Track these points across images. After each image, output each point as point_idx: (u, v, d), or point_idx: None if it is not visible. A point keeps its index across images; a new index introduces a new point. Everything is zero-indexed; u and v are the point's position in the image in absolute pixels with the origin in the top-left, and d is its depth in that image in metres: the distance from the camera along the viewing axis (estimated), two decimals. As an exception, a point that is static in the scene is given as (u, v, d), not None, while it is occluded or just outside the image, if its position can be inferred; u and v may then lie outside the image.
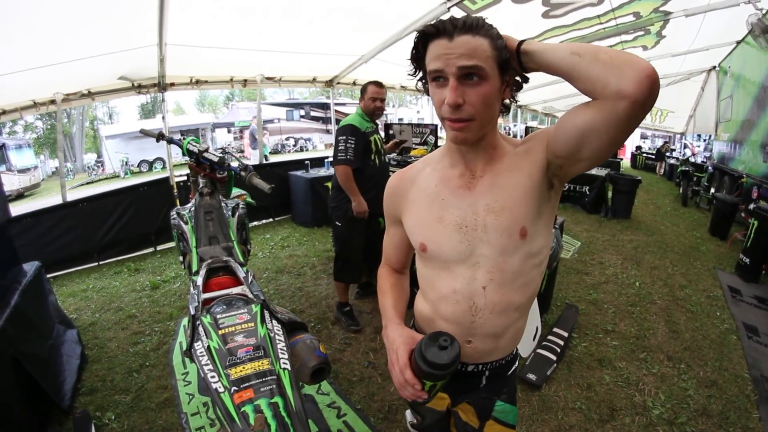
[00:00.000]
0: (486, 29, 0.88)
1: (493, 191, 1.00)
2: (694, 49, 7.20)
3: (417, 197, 1.11)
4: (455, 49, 0.86)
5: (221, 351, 1.16)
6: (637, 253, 5.43)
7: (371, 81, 3.26)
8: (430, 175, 1.11)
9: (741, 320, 3.66)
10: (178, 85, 5.53)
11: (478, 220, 1.01)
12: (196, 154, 2.33)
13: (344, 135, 3.13)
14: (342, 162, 3.11)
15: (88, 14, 3.37)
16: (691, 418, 2.47)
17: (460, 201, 1.03)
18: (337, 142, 3.16)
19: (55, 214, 4.94)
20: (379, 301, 1.26)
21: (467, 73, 0.87)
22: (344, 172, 3.12)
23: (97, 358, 3.12)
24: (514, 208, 0.98)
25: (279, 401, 1.04)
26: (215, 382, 1.08)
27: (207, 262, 1.86)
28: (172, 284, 4.53)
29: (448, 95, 0.87)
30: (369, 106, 3.25)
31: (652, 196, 9.84)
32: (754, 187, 6.36)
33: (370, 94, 3.23)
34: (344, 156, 3.10)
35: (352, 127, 3.15)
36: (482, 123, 0.92)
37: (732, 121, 8.07)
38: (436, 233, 1.05)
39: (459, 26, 0.86)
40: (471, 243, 1.02)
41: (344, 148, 3.10)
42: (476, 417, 1.23)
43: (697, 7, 5.01)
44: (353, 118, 3.23)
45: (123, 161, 19.43)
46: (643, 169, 15.79)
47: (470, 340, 1.10)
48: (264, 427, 0.98)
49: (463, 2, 4.22)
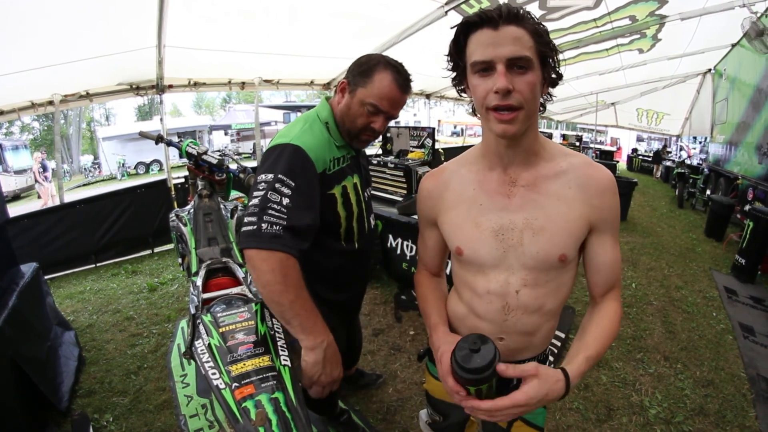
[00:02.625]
0: (530, 20, 0.88)
1: (534, 209, 1.00)
2: (690, 52, 7.26)
3: (454, 201, 1.10)
4: (503, 39, 0.85)
5: (222, 348, 1.17)
6: (634, 255, 5.45)
7: (379, 60, 1.42)
8: (467, 177, 1.09)
9: (737, 320, 3.68)
10: (176, 87, 5.54)
11: (515, 231, 1.00)
12: (195, 157, 2.34)
13: (275, 172, 1.27)
14: (251, 241, 1.20)
15: (87, 16, 3.38)
16: (688, 417, 2.48)
17: (497, 207, 1.02)
18: (255, 186, 1.28)
19: (53, 215, 4.94)
20: (420, 308, 1.24)
21: (515, 63, 0.86)
22: (267, 266, 1.19)
23: (94, 360, 3.12)
24: (555, 235, 0.99)
25: (280, 396, 1.05)
26: (216, 379, 1.09)
27: (206, 263, 1.87)
28: (170, 286, 4.52)
29: (499, 81, 0.85)
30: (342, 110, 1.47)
31: (648, 199, 9.89)
32: (749, 188, 6.40)
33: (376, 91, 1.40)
34: (256, 224, 1.20)
35: (298, 154, 1.32)
36: (528, 114, 0.90)
37: (727, 123, 8.14)
38: (472, 238, 1.05)
39: (505, 15, 0.85)
40: (506, 251, 1.02)
41: (261, 203, 1.23)
42: None
43: (693, 10, 5.06)
44: (301, 134, 1.37)
45: (120, 163, 19.43)
46: (640, 172, 15.87)
47: (502, 337, 1.10)
48: (265, 422, 0.99)
49: (460, 6, 4.24)
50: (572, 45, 6.22)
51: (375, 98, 1.39)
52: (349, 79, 1.44)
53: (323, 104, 1.52)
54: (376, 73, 1.39)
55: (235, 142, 23.97)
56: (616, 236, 1.02)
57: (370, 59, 1.42)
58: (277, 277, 1.18)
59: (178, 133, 16.72)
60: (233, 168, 2.40)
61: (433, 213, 1.16)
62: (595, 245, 1.01)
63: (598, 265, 1.01)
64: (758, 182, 6.08)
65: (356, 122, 1.45)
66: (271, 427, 0.99)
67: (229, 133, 25.33)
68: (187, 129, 22.13)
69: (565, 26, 5.37)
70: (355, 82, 1.42)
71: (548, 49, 0.90)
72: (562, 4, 4.63)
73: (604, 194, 0.98)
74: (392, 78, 1.39)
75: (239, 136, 23.84)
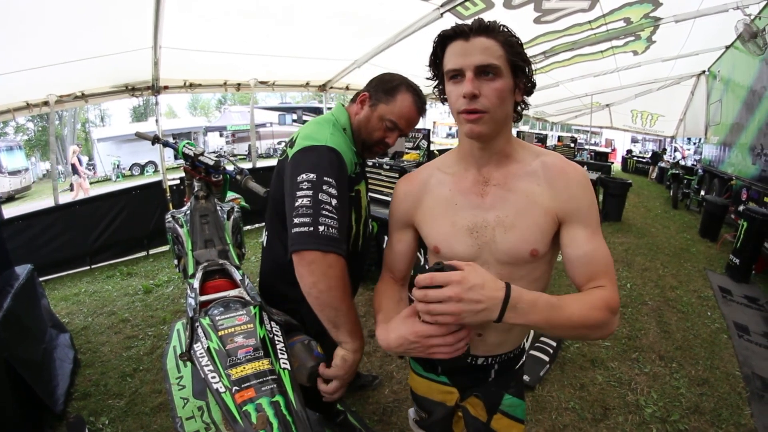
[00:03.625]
0: (499, 32, 0.94)
1: (505, 206, 1.03)
2: (684, 53, 7.31)
3: (432, 204, 1.13)
4: (472, 49, 0.92)
5: (221, 352, 1.17)
6: (628, 255, 5.48)
7: (402, 81, 1.49)
8: (443, 179, 1.13)
9: (732, 319, 3.71)
10: (171, 88, 5.53)
11: (488, 228, 1.04)
12: (192, 158, 2.33)
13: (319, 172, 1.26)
14: (311, 242, 1.19)
15: (84, 16, 3.37)
16: (684, 415, 2.50)
17: (472, 206, 1.06)
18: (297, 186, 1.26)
19: (48, 216, 4.91)
20: (374, 305, 1.19)
21: (483, 70, 0.92)
22: (332, 271, 1.21)
23: (90, 362, 3.10)
24: (525, 231, 1.02)
25: (280, 400, 1.05)
26: (216, 382, 1.09)
27: (203, 265, 1.86)
28: (165, 288, 4.51)
29: (465, 86, 0.92)
30: (360, 121, 1.51)
31: (642, 199, 9.94)
32: (743, 189, 6.46)
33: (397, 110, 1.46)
34: (312, 225, 1.19)
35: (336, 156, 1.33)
36: (495, 118, 0.95)
37: (721, 124, 8.20)
38: (448, 236, 1.08)
39: (475, 28, 0.93)
40: (481, 247, 1.05)
41: (314, 205, 1.21)
42: (484, 411, 1.24)
43: (687, 12, 5.10)
44: (333, 138, 1.38)
45: (115, 164, 19.37)
46: (634, 173, 15.95)
47: (480, 333, 1.14)
48: (266, 426, 0.99)
49: (456, 8, 4.25)
50: (567, 47, 6.25)
51: (395, 116, 1.46)
52: (370, 92, 1.49)
53: (341, 110, 1.54)
54: (399, 93, 1.46)
55: (230, 144, 23.91)
56: (593, 229, 1.01)
57: (393, 78, 1.49)
58: (339, 283, 1.20)
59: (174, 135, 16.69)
60: (230, 169, 2.39)
61: (409, 215, 1.19)
62: (566, 238, 1.01)
63: (571, 257, 1.01)
64: (752, 183, 6.13)
65: (373, 135, 1.50)
66: (273, 431, 0.99)
67: (224, 135, 25.25)
68: (183, 130, 22.07)
69: (560, 28, 5.39)
70: (377, 97, 1.47)
71: (520, 59, 0.96)
72: (557, 7, 4.65)
73: (571, 187, 1.00)
74: (413, 101, 1.47)
75: (234, 137, 23.77)
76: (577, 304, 0.90)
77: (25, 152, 19.09)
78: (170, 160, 8.42)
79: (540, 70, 7.52)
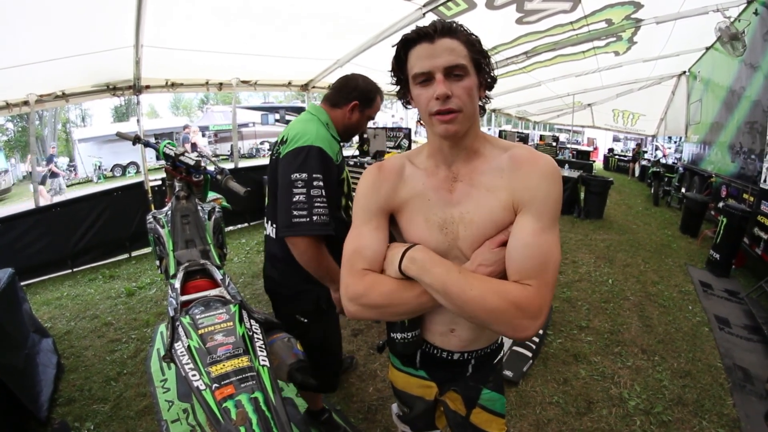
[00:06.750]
0: (462, 32, 0.96)
1: (468, 202, 1.04)
2: (665, 54, 7.45)
3: (408, 195, 1.11)
4: (438, 50, 0.93)
5: (201, 350, 1.16)
6: (610, 252, 5.55)
7: (376, 89, 1.95)
8: (416, 173, 1.11)
9: (713, 313, 3.79)
10: (153, 87, 5.46)
11: (454, 224, 1.05)
12: (173, 158, 2.31)
13: (309, 171, 1.60)
14: (309, 229, 1.57)
15: (64, 14, 3.31)
16: (667, 407, 2.55)
17: (442, 203, 1.07)
18: (292, 183, 1.60)
19: (28, 219, 4.81)
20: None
21: (451, 71, 0.93)
22: (314, 251, 1.63)
23: (73, 367, 3.05)
24: (481, 225, 1.03)
25: (259, 396, 1.05)
26: (196, 380, 1.09)
27: (184, 266, 1.85)
28: (148, 290, 4.45)
29: (438, 88, 0.93)
30: (352, 123, 1.91)
31: (624, 197, 10.09)
32: (722, 186, 6.59)
33: (375, 110, 1.98)
34: (308, 216, 1.57)
35: (321, 154, 1.66)
36: (467, 115, 0.97)
37: (701, 123, 8.36)
38: (423, 233, 1.08)
39: (439, 30, 0.94)
40: (450, 243, 1.06)
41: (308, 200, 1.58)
42: (463, 405, 1.25)
43: (668, 14, 5.19)
44: (318, 135, 1.70)
45: (96, 165, 19.02)
46: (616, 171, 16.17)
47: (453, 328, 1.15)
48: (246, 422, 0.99)
49: (438, 8, 4.27)
50: (549, 47, 6.32)
51: (374, 113, 2.00)
52: (360, 101, 1.90)
53: (319, 109, 1.91)
54: (376, 97, 1.96)
55: (212, 144, 23.64)
56: (545, 224, 0.96)
57: (372, 89, 1.94)
58: (321, 257, 1.65)
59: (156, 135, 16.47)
60: (210, 169, 2.38)
61: (387, 202, 1.12)
62: (514, 227, 0.99)
63: (509, 247, 0.98)
64: (731, 180, 6.25)
65: (359, 128, 1.99)
66: (252, 427, 0.99)
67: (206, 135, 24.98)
68: (165, 130, 21.74)
69: (542, 29, 5.45)
70: (365, 104, 1.92)
71: (481, 56, 0.99)
72: (539, 8, 4.70)
73: (531, 176, 0.98)
74: (381, 100, 1.99)
75: (217, 137, 23.50)
76: (479, 282, 0.95)
77: (4, 153, 18.68)
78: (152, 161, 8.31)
79: (522, 70, 7.58)
